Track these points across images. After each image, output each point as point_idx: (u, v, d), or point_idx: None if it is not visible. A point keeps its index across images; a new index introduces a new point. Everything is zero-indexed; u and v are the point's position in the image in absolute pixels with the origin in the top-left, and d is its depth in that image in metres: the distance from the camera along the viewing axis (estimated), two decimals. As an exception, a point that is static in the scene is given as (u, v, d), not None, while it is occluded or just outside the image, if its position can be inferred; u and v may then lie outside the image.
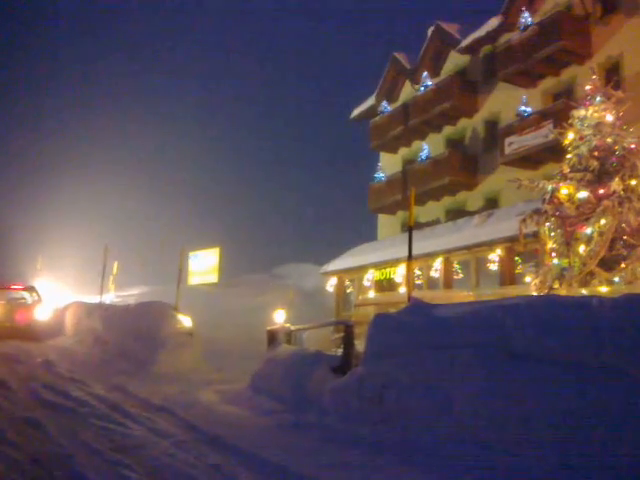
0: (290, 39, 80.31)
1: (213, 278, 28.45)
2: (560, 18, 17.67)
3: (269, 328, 10.70)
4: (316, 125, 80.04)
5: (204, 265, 29.38)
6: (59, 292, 25.36)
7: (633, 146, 8.90)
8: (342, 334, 9.09)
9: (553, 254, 9.13)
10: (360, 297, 19.76)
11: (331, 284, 22.17)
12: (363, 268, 20.57)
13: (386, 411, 6.74)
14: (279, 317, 11.52)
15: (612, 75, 16.50)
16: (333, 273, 22.22)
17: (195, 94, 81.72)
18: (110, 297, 25.02)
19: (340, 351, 8.95)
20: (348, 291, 22.13)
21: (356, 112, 28.02)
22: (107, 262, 18.11)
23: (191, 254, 29.04)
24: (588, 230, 8.60)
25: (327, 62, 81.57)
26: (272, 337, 10.34)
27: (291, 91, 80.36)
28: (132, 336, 13.39)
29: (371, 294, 19.70)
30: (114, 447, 5.98)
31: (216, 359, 12.91)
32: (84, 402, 8.18)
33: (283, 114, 79.72)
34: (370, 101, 27.01)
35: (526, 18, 18.58)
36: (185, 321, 13.17)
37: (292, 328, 10.60)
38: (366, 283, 20.53)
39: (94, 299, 19.07)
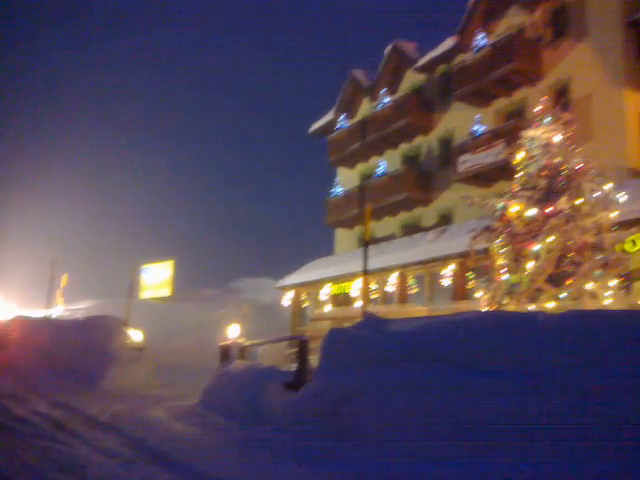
0: (250, 53, 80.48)
1: (166, 292, 27.94)
2: (513, 41, 18.28)
3: (222, 343, 10.55)
4: (274, 139, 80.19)
5: (157, 278, 28.84)
6: (1, 307, 24.36)
7: (579, 166, 9.22)
8: (297, 349, 9.03)
9: (503, 270, 9.34)
10: (316, 311, 19.73)
11: (287, 298, 22.08)
12: (320, 282, 20.58)
13: (340, 426, 6.70)
14: (232, 332, 11.38)
15: (561, 97, 17.16)
16: (289, 287, 22.15)
17: (151, 102, 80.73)
18: (58, 311, 24.21)
19: (294, 366, 8.88)
20: (304, 305, 22.07)
21: (314, 127, 28.23)
22: (55, 275, 17.55)
23: (143, 267, 28.46)
24: (536, 247, 8.83)
25: (285, 77, 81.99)
26: (225, 352, 10.19)
27: (249, 105, 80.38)
28: (80, 351, 12.97)
29: (327, 308, 19.70)
30: (57, 468, 5.73)
31: (167, 375, 12.63)
32: (26, 420, 7.84)
33: (241, 128, 79.62)
34: (328, 116, 27.25)
35: (480, 39, 19.14)
36: (135, 335, 12.86)
37: (245, 343, 10.48)
38: (322, 297, 20.54)
39: (40, 313, 18.40)
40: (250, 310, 19.74)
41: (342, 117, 25.79)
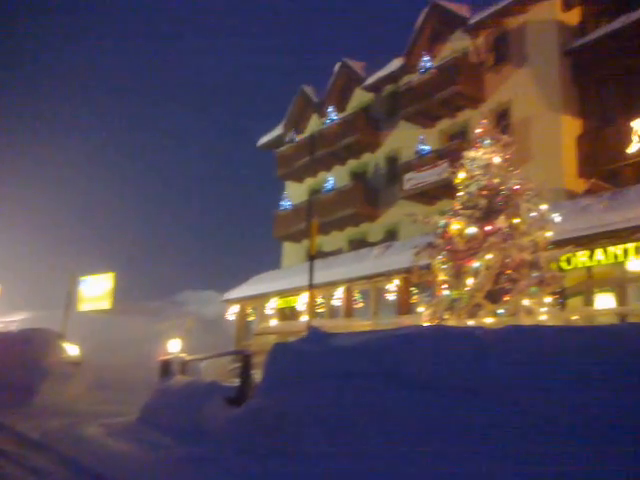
0: (200, 65, 79.82)
1: (106, 304, 27.14)
2: (457, 64, 18.91)
3: (162, 358, 10.32)
4: (223, 152, 79.68)
5: (97, 291, 27.98)
6: None
7: (517, 187, 9.59)
8: (240, 364, 8.93)
9: (444, 286, 9.57)
10: (261, 326, 19.60)
11: (232, 312, 21.83)
12: (266, 296, 20.47)
13: (283, 442, 6.64)
14: (174, 346, 11.15)
15: (502, 120, 17.85)
16: (235, 301, 21.92)
17: (95, 110, 78.75)
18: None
19: (237, 381, 8.78)
20: (250, 319, 21.88)
21: (263, 140, 28.25)
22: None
23: (82, 279, 27.55)
24: (476, 264, 9.11)
25: (235, 90, 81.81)
26: (165, 367, 9.96)
27: (197, 115, 79.62)
28: (13, 365, 12.40)
29: (273, 322, 19.60)
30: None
31: (105, 390, 12.23)
32: (-51, 440, 7.42)
33: (189, 139, 78.72)
34: (278, 130, 27.34)
35: (426, 62, 19.71)
36: (72, 349, 12.40)
37: (187, 358, 10.29)
38: (268, 311, 20.42)
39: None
40: (194, 323, 19.40)
41: (291, 132, 25.93)
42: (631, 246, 11.76)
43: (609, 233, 11.76)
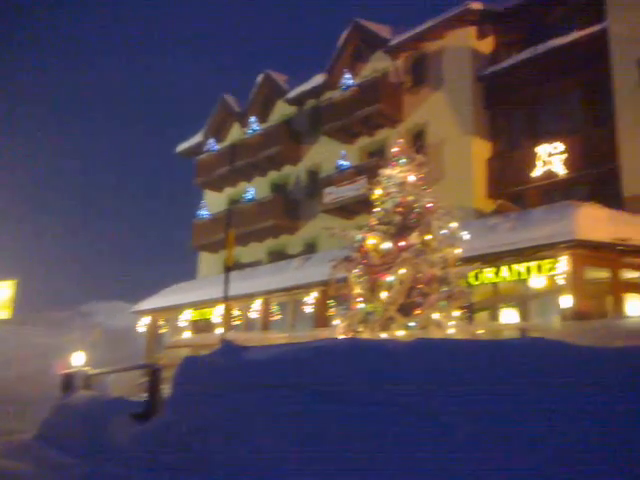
0: (119, 70, 77.36)
1: (5, 314, 25.48)
2: (377, 83, 19.46)
3: (65, 371, 9.77)
4: (139, 158, 77.31)
5: (-6, 299, 26.19)
6: None
7: (429, 205, 9.92)
8: (149, 378, 8.60)
9: (359, 299, 9.72)
10: (173, 338, 19.04)
11: (143, 324, 21.08)
12: (179, 307, 19.95)
13: (192, 459, 6.45)
14: (78, 359, 10.58)
15: (417, 140, 18.49)
16: (146, 312, 21.19)
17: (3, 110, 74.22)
18: None
19: (146, 396, 8.45)
20: (162, 332, 21.21)
21: (182, 147, 27.70)
22: None
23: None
24: (390, 278, 9.32)
25: (156, 96, 79.87)
26: (68, 382, 9.43)
27: (113, 120, 76.92)
28: None
29: (186, 335, 19.10)
30: None
31: (1, 406, 11.40)
32: None
33: (104, 144, 75.79)
34: (197, 138, 26.93)
35: (347, 79, 20.13)
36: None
37: (92, 372, 9.79)
38: (182, 324, 19.89)
39: None
40: (102, 335, 18.53)
41: (211, 140, 25.60)
42: (533, 264, 12.48)
43: (514, 251, 12.43)
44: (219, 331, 16.72)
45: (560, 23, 17.34)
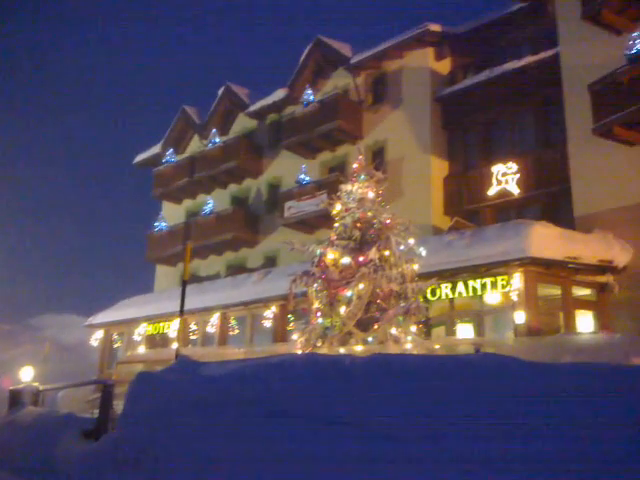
0: (77, 77, 75.91)
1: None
2: (338, 100, 19.67)
3: (12, 387, 9.39)
4: (96, 167, 75.73)
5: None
6: None
7: (388, 221, 10.07)
8: (100, 394, 8.37)
9: (318, 314, 9.73)
10: (128, 353, 18.59)
11: (96, 338, 20.51)
12: (134, 321, 19.52)
13: (144, 477, 6.28)
14: (26, 374, 10.19)
15: (377, 157, 18.74)
16: (100, 326, 20.65)
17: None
18: None
19: (97, 413, 8.20)
20: (116, 346, 20.68)
21: (140, 158, 27.30)
22: None
23: None
24: (349, 293, 9.38)
25: (114, 105, 78.62)
26: (15, 398, 9.07)
27: (72, 129, 75.25)
28: None
29: (141, 350, 18.68)
30: None
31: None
32: None
33: (59, 152, 73.99)
34: (156, 149, 26.58)
35: (309, 95, 20.29)
36: None
37: (41, 387, 9.45)
38: (137, 338, 19.45)
39: None
40: (52, 350, 17.92)
41: (170, 151, 25.32)
42: (488, 281, 12.76)
43: (469, 268, 12.69)
44: (175, 346, 16.42)
45: (515, 47, 17.97)
